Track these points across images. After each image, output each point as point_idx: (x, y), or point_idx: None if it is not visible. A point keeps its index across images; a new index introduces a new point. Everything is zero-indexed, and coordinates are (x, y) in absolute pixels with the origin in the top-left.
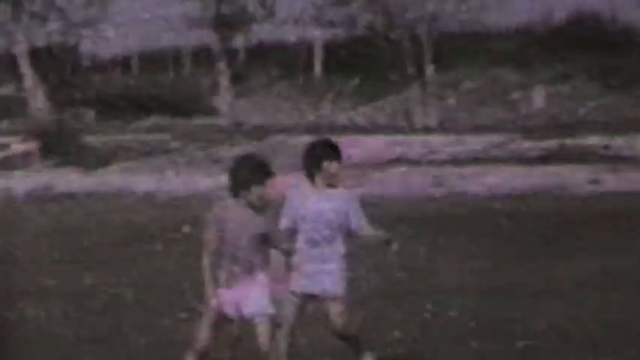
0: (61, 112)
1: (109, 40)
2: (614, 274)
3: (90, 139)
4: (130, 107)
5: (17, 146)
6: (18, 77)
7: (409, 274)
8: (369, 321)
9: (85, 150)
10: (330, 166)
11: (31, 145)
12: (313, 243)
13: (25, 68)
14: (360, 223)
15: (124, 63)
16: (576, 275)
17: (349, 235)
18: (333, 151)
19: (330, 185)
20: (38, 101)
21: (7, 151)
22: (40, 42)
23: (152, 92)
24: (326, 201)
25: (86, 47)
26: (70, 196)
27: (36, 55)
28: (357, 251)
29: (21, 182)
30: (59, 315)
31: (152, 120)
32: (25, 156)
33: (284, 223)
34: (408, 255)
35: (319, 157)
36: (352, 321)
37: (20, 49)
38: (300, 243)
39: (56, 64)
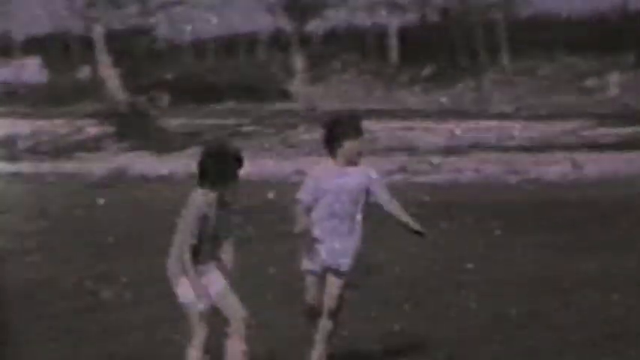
0: (136, 96)
1: (184, 24)
2: None
3: (164, 123)
4: (204, 92)
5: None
6: (94, 61)
7: (472, 263)
8: (414, 311)
9: (159, 134)
10: (353, 144)
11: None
12: (335, 216)
13: (101, 52)
14: (385, 198)
15: (199, 47)
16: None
17: (370, 211)
18: (354, 130)
19: (351, 163)
20: (113, 85)
21: (83, 134)
22: (116, 26)
23: (227, 77)
24: (348, 176)
25: (162, 31)
26: (144, 179)
27: (112, 38)
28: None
29: (96, 165)
30: (144, 298)
31: (227, 104)
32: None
33: (304, 198)
34: (470, 243)
35: (341, 135)
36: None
37: (97, 33)
38: (320, 218)
39: (132, 47)
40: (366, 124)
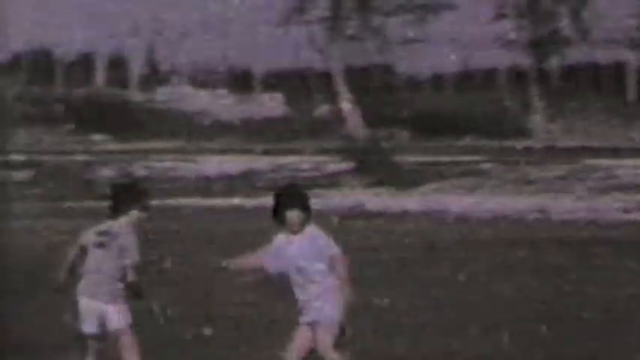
0: (375, 132)
1: (423, 60)
2: None
3: (403, 159)
4: (443, 127)
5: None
6: (334, 96)
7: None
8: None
9: (398, 170)
10: (292, 215)
11: None
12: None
13: (341, 88)
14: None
15: (437, 83)
16: None
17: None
18: (293, 201)
19: (294, 232)
20: (353, 121)
21: (322, 170)
22: (356, 61)
23: (465, 112)
24: (292, 245)
25: (401, 67)
26: (380, 214)
27: (351, 74)
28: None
29: (334, 200)
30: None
31: (465, 140)
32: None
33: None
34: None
35: (281, 206)
36: None
37: (336, 69)
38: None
39: (371, 83)
40: (605, 162)
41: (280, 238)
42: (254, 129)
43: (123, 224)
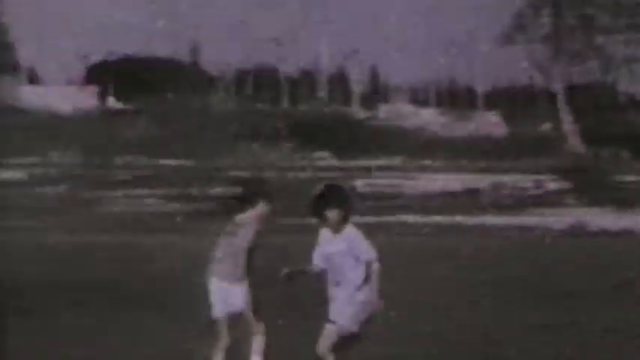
0: (595, 151)
1: None
2: None
3: (623, 178)
4: None
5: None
6: (555, 115)
7: None
8: None
9: (618, 189)
10: (332, 214)
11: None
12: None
13: (563, 106)
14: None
15: None
16: None
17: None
18: (333, 199)
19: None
20: (574, 140)
21: (543, 188)
22: (578, 80)
23: None
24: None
25: (623, 86)
26: (601, 233)
27: (573, 92)
28: None
29: (554, 219)
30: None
31: None
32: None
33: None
34: None
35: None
36: None
37: (558, 87)
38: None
39: (593, 102)
40: None
41: (324, 233)
42: (474, 147)
43: (250, 215)
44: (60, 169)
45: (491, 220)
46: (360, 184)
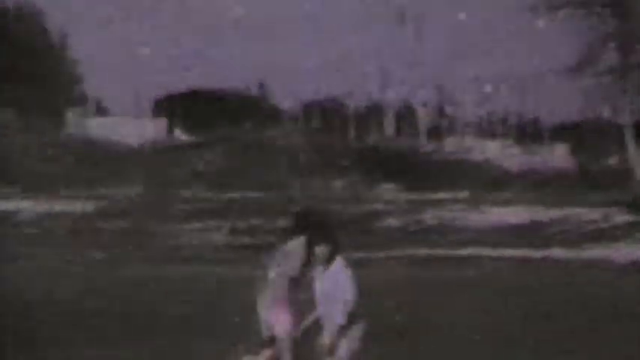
0: None
1: None
2: None
3: None
4: None
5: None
6: (623, 148)
7: None
8: None
9: None
10: (320, 250)
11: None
12: None
13: (630, 139)
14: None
15: None
16: None
17: None
18: (320, 236)
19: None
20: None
21: (609, 222)
22: None
23: None
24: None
25: None
26: None
27: None
28: None
29: (619, 253)
30: None
31: None
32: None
33: None
34: None
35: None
36: None
37: (626, 121)
38: None
39: None
40: None
41: (316, 269)
42: (541, 180)
43: (295, 245)
44: (127, 201)
45: (556, 253)
46: (426, 217)
